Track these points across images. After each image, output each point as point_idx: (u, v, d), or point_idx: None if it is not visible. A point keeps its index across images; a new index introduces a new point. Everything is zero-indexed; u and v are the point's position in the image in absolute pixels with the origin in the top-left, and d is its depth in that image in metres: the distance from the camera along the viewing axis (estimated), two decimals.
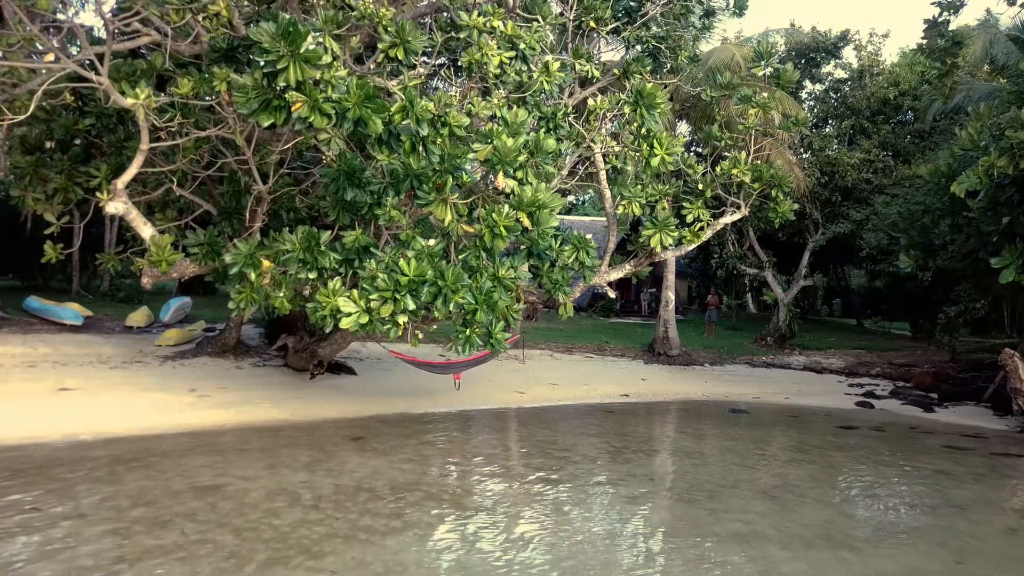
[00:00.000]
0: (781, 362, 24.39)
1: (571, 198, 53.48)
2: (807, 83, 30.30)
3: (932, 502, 8.98)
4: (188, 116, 10.21)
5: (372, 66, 9.91)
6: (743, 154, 13.45)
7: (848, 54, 30.24)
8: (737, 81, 14.47)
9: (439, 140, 8.52)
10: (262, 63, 7.71)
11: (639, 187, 13.10)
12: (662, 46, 15.29)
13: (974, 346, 22.58)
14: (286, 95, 7.76)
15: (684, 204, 13.69)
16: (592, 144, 12.54)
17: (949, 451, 12.42)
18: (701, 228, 13.65)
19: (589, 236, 11.68)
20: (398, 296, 8.56)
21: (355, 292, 8.86)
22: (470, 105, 9.30)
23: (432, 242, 8.89)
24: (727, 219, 14.40)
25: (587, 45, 14.65)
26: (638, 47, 15.94)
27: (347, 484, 8.46)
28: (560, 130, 11.73)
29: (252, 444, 10.30)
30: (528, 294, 11.70)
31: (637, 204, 12.98)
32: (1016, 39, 20.61)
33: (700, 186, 13.64)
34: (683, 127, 24.80)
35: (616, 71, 14.85)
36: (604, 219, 32.54)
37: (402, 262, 8.57)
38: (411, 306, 8.56)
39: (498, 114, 9.58)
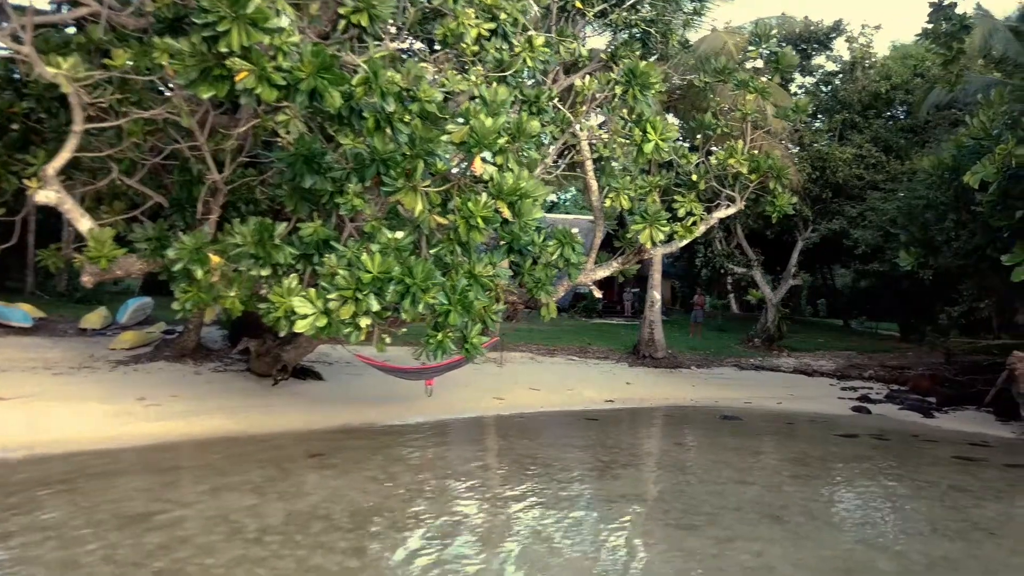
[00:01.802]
0: (770, 364, 23.57)
1: (552, 196, 52.60)
2: (797, 75, 29.53)
3: (956, 525, 8.07)
4: (129, 94, 9.14)
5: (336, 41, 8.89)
6: (740, 143, 12.55)
7: (840, 46, 29.58)
8: (732, 66, 13.56)
9: (407, 118, 7.49)
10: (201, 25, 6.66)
11: (628, 178, 12.18)
12: (652, 30, 14.37)
13: (966, 347, 21.84)
14: (228, 63, 6.71)
15: (675, 197, 12.77)
16: (578, 131, 11.59)
17: (960, 463, 11.55)
18: (694, 223, 12.74)
19: (575, 230, 10.73)
20: (360, 296, 7.54)
21: (312, 291, 7.84)
22: (444, 79, 8.27)
23: (400, 235, 7.86)
24: (721, 213, 13.51)
25: (573, 28, 13.68)
26: (624, 34, 15.06)
27: (300, 510, 7.39)
28: (544, 115, 10.77)
29: (199, 461, 9.22)
30: (508, 293, 10.70)
31: (626, 196, 12.05)
32: (1016, 30, 19.91)
33: (694, 177, 12.72)
34: (670, 119, 23.91)
35: (604, 55, 13.93)
36: (587, 217, 31.62)
37: (364, 257, 7.55)
38: (375, 307, 7.55)
39: (476, 92, 8.59)
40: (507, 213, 8.10)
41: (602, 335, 25.82)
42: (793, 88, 29.57)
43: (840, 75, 28.61)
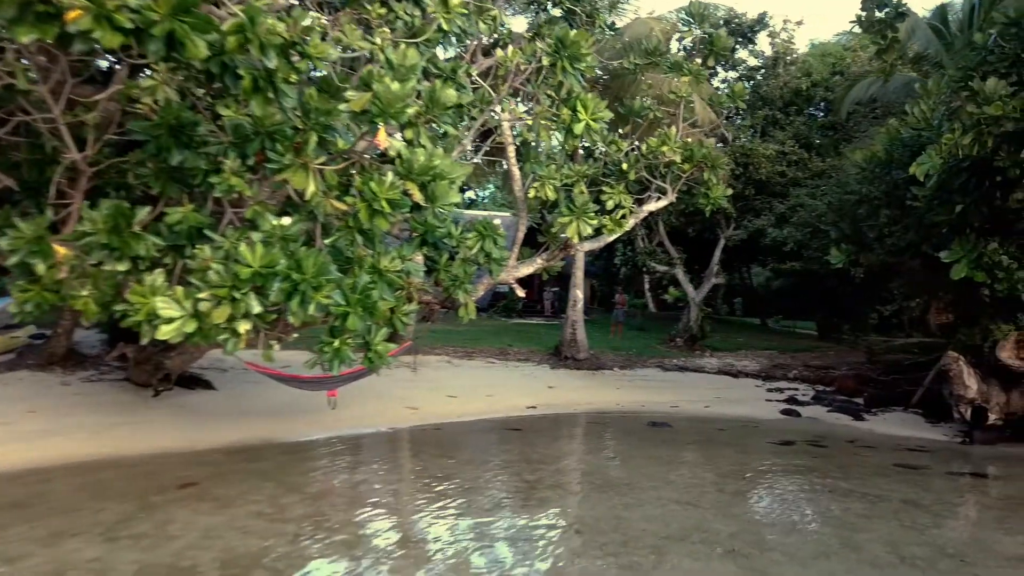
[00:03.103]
0: (694, 365, 22.92)
1: (471, 193, 51.35)
2: (720, 70, 29.15)
3: (923, 552, 7.23)
4: None
5: None
6: (673, 129, 11.63)
7: (762, 41, 29.35)
8: (663, 48, 12.68)
9: (294, 78, 6.14)
10: None
11: (553, 167, 11.11)
12: (577, 8, 13.34)
13: (884, 346, 21.66)
14: None
15: (603, 188, 11.78)
16: (500, 111, 10.43)
17: (904, 472, 10.86)
18: (623, 216, 11.78)
19: (497, 222, 9.58)
20: (237, 295, 6.17)
21: (180, 290, 6.42)
22: (339, 34, 6.95)
23: (287, 221, 6.51)
24: (652, 206, 12.62)
25: (493, 3, 12.52)
26: (545, 13, 14.04)
27: (157, 562, 5.95)
28: (463, 92, 9.56)
29: (41, 496, 7.59)
30: (422, 292, 9.43)
31: (551, 187, 10.99)
32: (936, 29, 19.78)
33: (624, 167, 11.74)
34: None
35: (526, 35, 12.82)
36: (506, 214, 30.49)
37: (243, 248, 6.18)
38: (255, 308, 6.19)
39: (381, 56, 7.30)
40: (418, 196, 6.86)
41: (522, 336, 24.77)
42: (716, 83, 29.20)
43: (762, 71, 28.38)
